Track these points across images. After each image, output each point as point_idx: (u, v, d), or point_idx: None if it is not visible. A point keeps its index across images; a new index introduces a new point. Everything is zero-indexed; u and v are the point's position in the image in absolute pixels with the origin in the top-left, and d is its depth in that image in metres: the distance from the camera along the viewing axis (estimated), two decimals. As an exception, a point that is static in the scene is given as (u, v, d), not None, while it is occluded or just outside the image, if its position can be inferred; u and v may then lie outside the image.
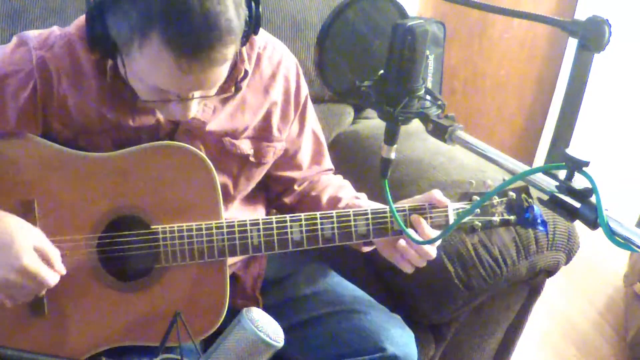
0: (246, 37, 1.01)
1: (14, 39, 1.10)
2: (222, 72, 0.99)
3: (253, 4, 1.00)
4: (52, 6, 1.51)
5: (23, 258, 0.99)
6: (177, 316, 0.97)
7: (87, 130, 1.11)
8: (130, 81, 1.01)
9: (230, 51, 0.94)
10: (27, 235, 1.02)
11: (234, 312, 0.95)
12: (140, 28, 0.90)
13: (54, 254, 1.03)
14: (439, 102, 0.79)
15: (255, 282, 1.32)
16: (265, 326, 0.84)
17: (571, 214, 0.63)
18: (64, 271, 1.05)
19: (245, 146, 1.21)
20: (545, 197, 0.65)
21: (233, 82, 1.13)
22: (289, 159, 1.31)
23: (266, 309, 0.89)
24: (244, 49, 1.13)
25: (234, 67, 1.11)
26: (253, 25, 1.02)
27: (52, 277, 1.03)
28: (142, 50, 0.92)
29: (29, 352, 0.84)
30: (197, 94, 1.02)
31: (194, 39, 0.90)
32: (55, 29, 1.10)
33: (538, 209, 1.14)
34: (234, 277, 1.29)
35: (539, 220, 1.13)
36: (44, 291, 1.05)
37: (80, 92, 1.08)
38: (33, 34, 1.09)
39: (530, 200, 1.16)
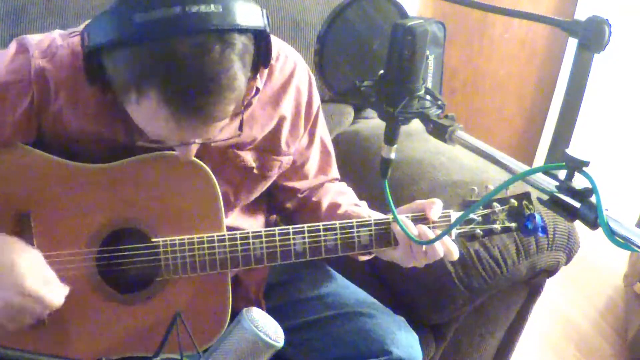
0: (256, 70, 0.96)
1: (14, 44, 1.05)
2: (226, 121, 0.95)
3: (264, 41, 0.94)
4: (52, 6, 1.50)
5: (26, 280, 0.96)
6: (177, 316, 0.97)
7: (82, 140, 1.08)
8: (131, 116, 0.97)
9: (233, 105, 0.91)
10: (28, 257, 1.00)
11: (236, 315, 0.94)
12: (137, 83, 0.86)
13: (52, 277, 1.01)
14: (439, 102, 0.79)
15: (258, 287, 1.30)
16: (265, 326, 0.84)
17: (571, 214, 0.63)
18: (67, 291, 1.02)
19: (249, 158, 1.18)
20: (545, 197, 0.65)
21: (240, 119, 1.08)
22: (296, 170, 1.28)
23: (269, 311, 0.88)
24: None
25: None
26: (262, 60, 0.97)
27: (57, 298, 1.00)
28: (140, 104, 0.88)
29: (29, 352, 0.84)
30: (199, 139, 0.99)
31: (193, 99, 0.86)
32: (57, 36, 1.05)
33: (539, 216, 1.13)
34: (237, 281, 1.27)
35: (539, 229, 1.13)
36: (46, 314, 1.02)
37: (77, 107, 1.04)
38: (34, 40, 1.04)
39: (531, 207, 1.15)
